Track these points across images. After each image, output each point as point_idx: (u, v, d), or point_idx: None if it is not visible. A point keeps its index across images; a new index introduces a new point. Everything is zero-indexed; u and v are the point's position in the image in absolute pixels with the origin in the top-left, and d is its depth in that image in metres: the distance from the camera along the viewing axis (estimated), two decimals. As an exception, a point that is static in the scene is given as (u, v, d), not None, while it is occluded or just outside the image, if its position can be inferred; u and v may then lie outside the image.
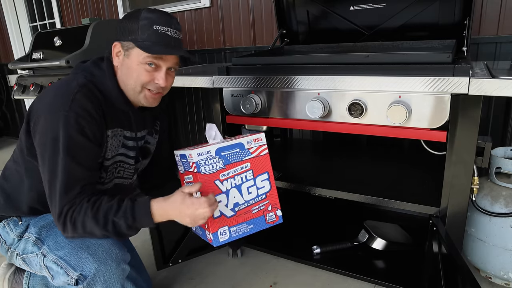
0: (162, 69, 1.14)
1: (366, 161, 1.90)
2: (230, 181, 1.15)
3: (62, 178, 1.02)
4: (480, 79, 1.08)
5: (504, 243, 1.39)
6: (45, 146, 1.04)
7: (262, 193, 1.22)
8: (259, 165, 1.21)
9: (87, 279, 1.04)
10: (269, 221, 1.25)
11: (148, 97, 1.17)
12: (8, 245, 1.22)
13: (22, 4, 3.95)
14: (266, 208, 1.23)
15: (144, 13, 1.09)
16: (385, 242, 1.70)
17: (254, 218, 1.21)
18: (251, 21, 2.42)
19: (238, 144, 1.17)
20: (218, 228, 1.14)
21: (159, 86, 1.15)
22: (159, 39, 1.09)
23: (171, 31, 1.11)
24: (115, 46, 1.14)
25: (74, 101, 1.04)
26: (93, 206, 1.03)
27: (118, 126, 1.18)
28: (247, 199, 1.19)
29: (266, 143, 1.22)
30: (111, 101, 1.15)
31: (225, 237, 1.15)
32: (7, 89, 4.28)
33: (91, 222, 1.02)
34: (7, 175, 1.23)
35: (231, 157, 1.15)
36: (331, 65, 1.36)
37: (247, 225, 1.20)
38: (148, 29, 1.07)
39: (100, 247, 1.08)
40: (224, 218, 1.15)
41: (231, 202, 1.16)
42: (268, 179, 1.23)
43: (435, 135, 1.25)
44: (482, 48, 1.80)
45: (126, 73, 1.13)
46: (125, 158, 1.24)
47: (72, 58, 2.33)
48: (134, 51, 1.10)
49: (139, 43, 1.08)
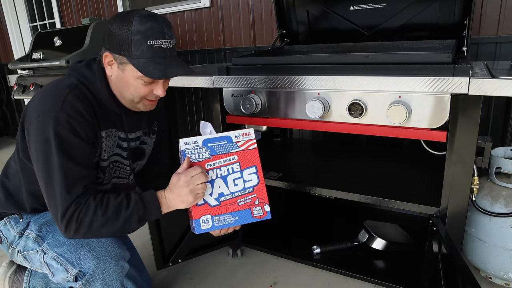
0: (160, 81, 1.12)
1: (366, 161, 1.90)
2: (216, 171, 1.17)
3: (60, 178, 1.02)
4: (480, 79, 1.08)
5: (504, 243, 1.39)
6: (38, 148, 1.04)
7: (249, 186, 1.22)
8: (247, 158, 1.22)
9: (86, 276, 1.04)
10: (256, 215, 1.24)
11: (147, 105, 1.17)
12: (9, 242, 1.23)
13: (22, 4, 3.96)
14: (253, 201, 1.23)
15: (136, 25, 1.02)
16: (385, 242, 1.70)
17: (239, 210, 1.22)
18: (251, 21, 2.42)
19: (226, 137, 1.19)
20: (201, 216, 1.16)
21: (158, 95, 1.15)
22: (154, 55, 1.04)
23: (165, 43, 1.06)
24: (106, 56, 1.08)
25: (65, 102, 1.03)
26: (101, 204, 1.04)
27: (111, 127, 1.18)
28: (233, 191, 1.20)
29: (255, 137, 1.24)
30: (102, 103, 1.14)
31: (208, 225, 1.17)
32: (7, 89, 4.28)
33: (101, 221, 1.03)
34: (9, 173, 1.24)
35: (218, 148, 1.17)
36: (331, 65, 1.36)
37: (231, 216, 1.21)
38: (141, 44, 1.02)
39: (99, 244, 1.09)
40: (207, 207, 1.16)
41: (216, 191, 1.17)
42: (256, 173, 1.24)
43: (435, 135, 1.25)
44: (482, 48, 1.80)
45: (122, 86, 1.11)
46: (120, 158, 1.24)
47: (72, 58, 2.33)
48: (129, 67, 1.06)
49: (134, 62, 1.04)
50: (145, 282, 1.48)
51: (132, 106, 1.17)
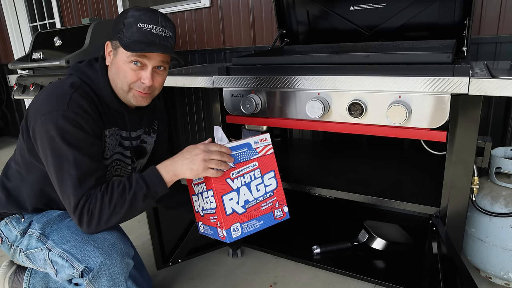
0: (148, 68, 1.11)
1: (366, 161, 1.90)
2: (240, 179, 1.19)
3: (72, 172, 1.03)
4: (480, 79, 1.08)
5: (504, 243, 1.39)
6: (47, 146, 1.04)
7: (269, 190, 1.26)
8: (266, 163, 1.25)
9: (92, 272, 1.04)
10: (277, 217, 1.29)
11: (137, 96, 1.15)
12: (11, 242, 1.23)
13: (22, 4, 3.96)
14: (273, 204, 1.28)
15: (132, 11, 1.08)
16: (385, 242, 1.70)
17: (263, 214, 1.25)
18: (251, 21, 2.42)
19: (246, 144, 1.21)
20: (231, 225, 1.18)
21: (145, 86, 1.13)
22: (141, 37, 1.07)
23: (156, 29, 1.08)
24: (107, 45, 1.15)
25: (71, 100, 1.05)
26: (106, 192, 1.05)
27: (114, 125, 1.19)
28: (256, 196, 1.23)
29: (271, 142, 1.27)
30: (105, 102, 1.15)
31: (238, 233, 1.20)
32: (7, 89, 4.28)
33: (109, 208, 1.04)
34: (9, 174, 1.24)
35: (240, 156, 1.19)
36: (331, 65, 1.36)
37: (257, 221, 1.24)
38: (132, 26, 1.06)
39: (105, 240, 1.08)
40: (236, 215, 1.18)
41: (242, 199, 1.20)
42: (275, 177, 1.28)
43: (435, 135, 1.25)
44: (482, 48, 1.80)
45: (115, 72, 1.14)
46: (122, 157, 1.25)
47: (72, 58, 2.33)
48: (120, 50, 1.10)
49: (123, 42, 1.07)
50: (146, 282, 1.48)
51: (124, 97, 1.17)
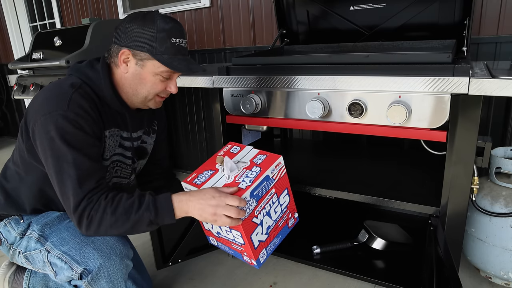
0: (174, 78, 1.19)
1: (366, 161, 1.90)
2: (262, 212, 1.19)
3: (72, 173, 1.03)
4: (480, 79, 1.08)
5: (504, 243, 1.39)
6: (47, 146, 1.04)
7: (284, 207, 1.28)
8: (280, 185, 1.25)
9: (91, 274, 1.04)
10: (290, 225, 1.33)
11: (158, 102, 1.22)
12: (9, 243, 1.23)
13: (22, 4, 3.96)
14: (287, 217, 1.30)
15: (160, 23, 1.09)
16: (385, 242, 1.70)
17: (280, 230, 1.29)
18: (251, 21, 2.42)
19: (265, 178, 1.17)
20: (259, 254, 1.20)
21: (170, 92, 1.20)
22: (176, 52, 1.13)
23: (184, 42, 1.15)
24: (123, 52, 1.12)
25: (71, 101, 1.05)
26: (111, 203, 1.04)
27: (114, 126, 1.19)
28: (275, 219, 1.25)
29: (284, 164, 1.24)
30: (106, 103, 1.16)
31: (264, 257, 1.23)
32: (7, 89, 4.28)
33: (110, 220, 1.03)
34: (8, 175, 1.24)
35: (261, 191, 1.17)
36: (331, 65, 1.36)
37: (277, 239, 1.28)
38: (166, 41, 1.10)
39: (104, 242, 1.09)
40: (261, 244, 1.20)
41: (265, 228, 1.21)
42: (288, 193, 1.29)
43: (435, 135, 1.25)
44: (482, 48, 1.80)
45: (139, 82, 1.15)
46: (122, 158, 1.25)
47: (72, 58, 2.33)
48: (150, 63, 1.11)
49: (159, 57, 1.10)
50: (145, 282, 1.48)
51: (142, 103, 1.20)
